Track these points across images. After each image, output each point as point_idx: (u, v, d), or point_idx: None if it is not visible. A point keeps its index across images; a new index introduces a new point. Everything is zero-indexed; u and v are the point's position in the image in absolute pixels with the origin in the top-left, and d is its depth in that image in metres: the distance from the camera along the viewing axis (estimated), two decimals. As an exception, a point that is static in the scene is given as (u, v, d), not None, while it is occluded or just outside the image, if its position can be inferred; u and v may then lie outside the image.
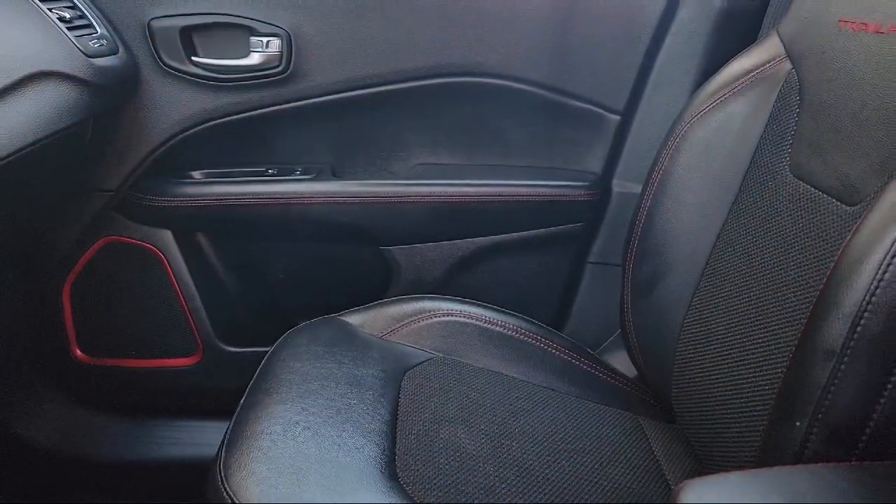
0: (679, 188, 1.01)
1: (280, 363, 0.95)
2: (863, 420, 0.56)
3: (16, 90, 0.80)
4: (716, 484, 0.54)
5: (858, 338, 0.55)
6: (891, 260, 0.54)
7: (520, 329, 1.12)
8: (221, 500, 0.71)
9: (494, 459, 0.81)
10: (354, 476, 0.76)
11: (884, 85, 0.70)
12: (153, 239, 1.28)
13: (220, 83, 1.19)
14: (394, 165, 1.35)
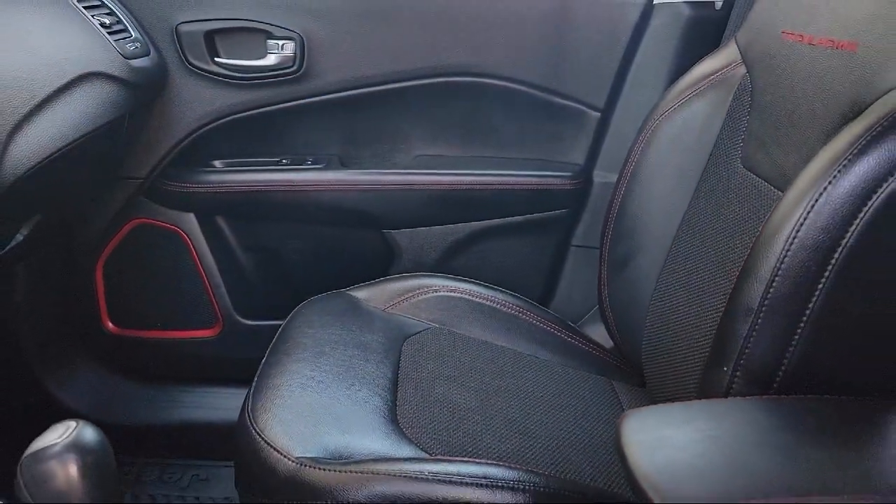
0: (648, 178, 1.09)
1: (296, 329, 1.04)
2: (775, 365, 0.67)
3: (69, 89, 0.90)
4: (653, 411, 0.65)
5: (771, 298, 0.66)
6: (797, 232, 0.65)
7: (508, 304, 1.20)
8: (251, 436, 0.81)
9: (482, 412, 0.91)
10: (362, 421, 0.86)
11: (812, 90, 0.80)
12: (178, 222, 1.36)
13: (240, 81, 1.27)
14: (396, 156, 1.41)
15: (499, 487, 0.75)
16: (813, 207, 0.64)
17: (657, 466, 0.56)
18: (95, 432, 0.56)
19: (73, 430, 0.56)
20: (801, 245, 0.64)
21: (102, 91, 0.98)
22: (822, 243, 0.63)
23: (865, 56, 0.72)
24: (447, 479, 0.74)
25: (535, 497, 0.75)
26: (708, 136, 1.02)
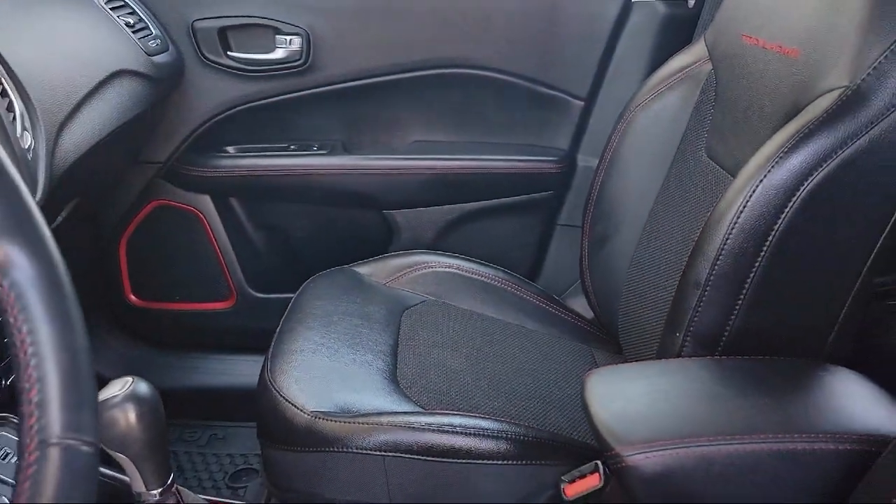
0: (625, 164, 1.16)
1: (307, 302, 1.13)
2: (719, 331, 0.76)
3: (102, 87, 0.98)
4: (613, 370, 0.77)
5: (716, 274, 0.75)
6: (738, 218, 0.74)
7: (497, 278, 1.27)
8: (271, 394, 0.91)
9: (473, 374, 1.01)
10: (367, 381, 0.95)
11: (763, 89, 0.89)
12: (195, 203, 1.43)
13: (251, 74, 1.34)
14: (395, 142, 1.46)
15: (484, 436, 0.85)
16: (751, 197, 0.73)
17: (612, 414, 0.68)
18: (147, 386, 0.67)
19: (130, 384, 0.67)
20: (741, 229, 0.74)
21: (130, 86, 1.06)
22: (759, 228, 0.73)
23: (805, 63, 0.81)
24: (440, 428, 0.85)
25: (515, 445, 0.85)
26: (678, 126, 1.09)
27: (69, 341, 0.40)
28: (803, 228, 0.73)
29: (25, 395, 0.38)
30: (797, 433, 0.63)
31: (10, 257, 0.39)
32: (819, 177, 0.71)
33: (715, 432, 0.64)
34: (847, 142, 0.70)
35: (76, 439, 0.38)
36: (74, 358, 0.39)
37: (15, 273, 0.39)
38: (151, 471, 0.68)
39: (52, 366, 0.38)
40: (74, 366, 0.39)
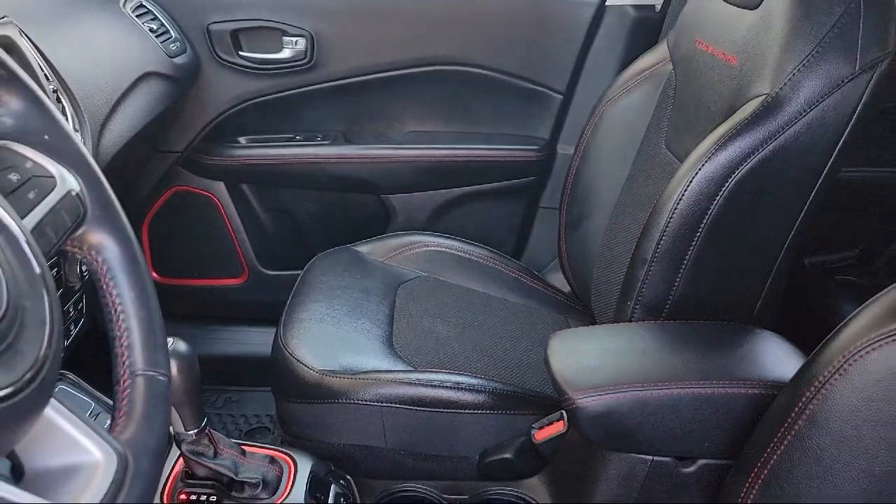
0: (597, 154, 1.25)
1: (312, 277, 1.23)
2: (663, 300, 0.90)
3: (133, 89, 1.09)
4: (572, 332, 0.90)
5: (660, 252, 0.87)
6: (677, 204, 0.85)
7: (484, 256, 1.37)
8: (284, 356, 1.03)
9: (459, 341, 1.12)
10: (366, 346, 1.07)
11: (709, 91, 1.00)
12: (210, 188, 1.52)
13: (260, 71, 1.42)
14: (391, 133, 1.54)
15: (467, 390, 0.99)
16: (688, 186, 0.85)
17: (567, 367, 0.82)
18: (185, 345, 0.80)
19: (172, 343, 0.80)
20: (679, 214, 0.86)
21: (156, 87, 1.17)
22: (694, 213, 0.85)
23: (741, 70, 0.93)
24: (429, 383, 0.98)
25: (493, 397, 0.99)
26: (642, 120, 1.18)
27: (146, 302, 0.54)
28: (731, 213, 0.85)
29: (117, 341, 0.52)
30: (715, 380, 0.77)
31: (102, 242, 0.53)
32: (744, 170, 0.84)
33: (649, 380, 0.78)
34: (767, 141, 0.83)
35: (155, 371, 0.52)
36: (150, 314, 0.54)
37: (106, 253, 0.53)
38: (189, 415, 0.81)
39: (135, 320, 0.53)
40: (150, 320, 0.54)
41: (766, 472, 0.67)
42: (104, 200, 0.53)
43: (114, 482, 0.43)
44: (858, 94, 0.81)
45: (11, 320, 0.39)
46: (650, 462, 0.80)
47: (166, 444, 0.51)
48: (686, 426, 0.77)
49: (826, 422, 0.63)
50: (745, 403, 0.76)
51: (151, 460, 0.47)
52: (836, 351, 0.64)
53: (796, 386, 0.67)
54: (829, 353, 0.65)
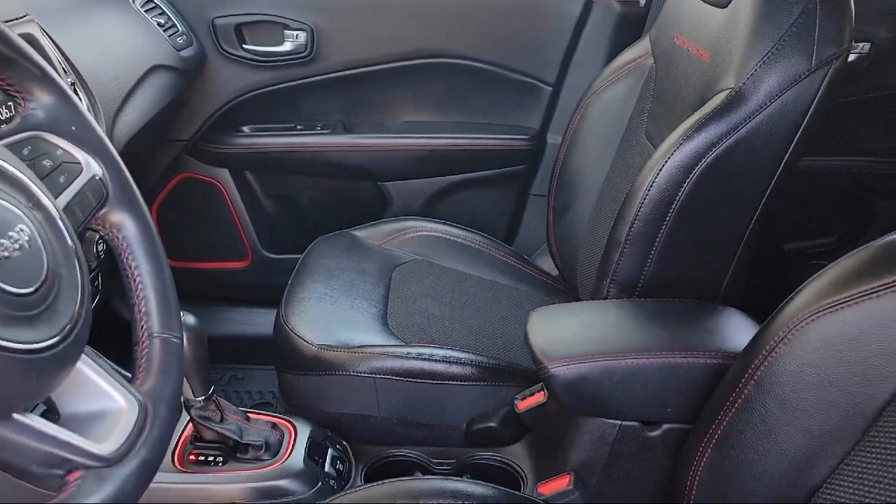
0: (582, 144, 1.31)
1: (312, 260, 1.29)
2: (636, 280, 0.96)
3: (143, 81, 1.15)
4: (550, 308, 0.97)
5: (632, 235, 0.93)
6: (648, 191, 0.91)
7: (476, 241, 1.42)
8: (285, 331, 1.10)
9: (450, 319, 1.18)
10: (362, 323, 1.13)
11: (684, 84, 1.05)
12: (215, 175, 1.57)
13: (263, 63, 1.47)
14: (388, 122, 1.58)
15: (455, 363, 1.06)
16: (658, 174, 0.91)
17: (544, 339, 0.88)
18: (194, 318, 0.87)
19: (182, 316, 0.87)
20: (651, 199, 0.92)
21: (164, 79, 1.24)
22: (664, 198, 0.91)
23: (711, 65, 0.99)
24: (419, 357, 1.05)
25: (479, 370, 1.06)
26: (625, 112, 1.23)
27: (160, 274, 0.61)
28: (698, 199, 0.91)
29: (136, 308, 0.60)
30: (678, 351, 0.84)
31: (122, 221, 0.60)
32: (710, 159, 0.90)
33: (617, 351, 0.85)
34: (731, 132, 0.89)
35: (169, 334, 0.59)
36: (164, 285, 0.61)
37: (125, 231, 0.60)
38: (197, 383, 0.88)
39: (151, 290, 0.60)
40: (165, 290, 0.61)
41: (719, 433, 0.74)
42: (124, 184, 0.60)
43: (136, 425, 0.51)
44: (815, 88, 0.87)
45: (51, 285, 0.46)
46: (619, 426, 0.87)
47: (180, 396, 0.59)
48: (651, 393, 0.84)
49: (771, 386, 0.70)
50: (705, 372, 0.82)
51: (168, 408, 0.54)
52: (782, 322, 0.71)
53: (747, 355, 0.74)
54: (776, 324, 0.72)
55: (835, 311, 0.66)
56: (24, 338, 0.43)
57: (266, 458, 0.92)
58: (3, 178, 0.47)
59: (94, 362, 0.51)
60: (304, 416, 1.05)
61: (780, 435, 0.69)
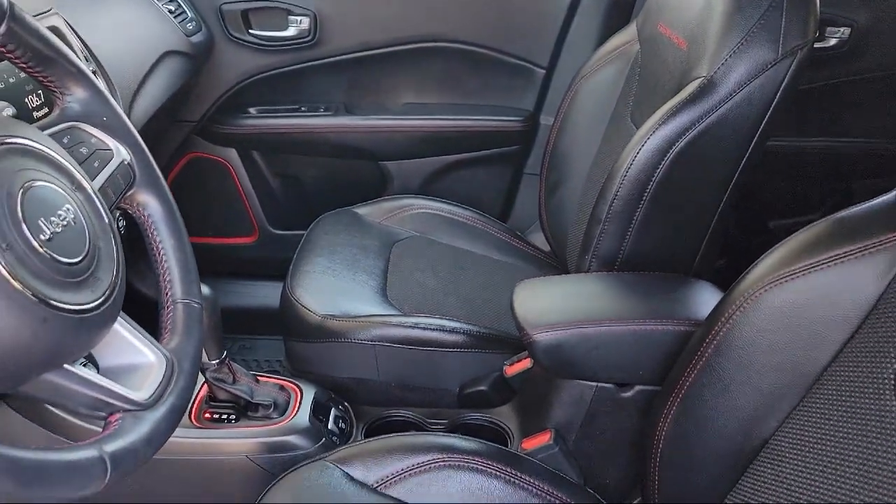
0: (573, 125, 1.36)
1: (316, 236, 1.36)
2: (615, 254, 1.03)
3: (156, 66, 1.22)
4: (535, 280, 1.04)
5: (612, 213, 1.00)
6: (627, 171, 0.97)
7: (472, 218, 1.48)
8: (291, 302, 1.17)
9: (444, 292, 1.25)
10: (363, 295, 1.20)
11: (665, 71, 1.11)
12: (223, 155, 1.62)
13: (268, 48, 1.53)
14: (388, 104, 1.63)
15: (448, 331, 1.13)
16: (636, 156, 0.98)
17: (527, 309, 0.96)
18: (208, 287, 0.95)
19: None
20: (629, 180, 0.98)
21: (176, 64, 1.30)
22: (641, 179, 0.98)
23: (688, 54, 1.05)
24: (416, 325, 1.13)
25: (471, 338, 1.13)
26: (612, 95, 1.28)
27: (182, 247, 0.69)
28: (673, 180, 0.98)
29: (161, 277, 0.68)
30: (650, 319, 0.92)
31: (148, 201, 0.68)
32: (683, 143, 0.96)
33: (593, 319, 0.92)
34: (703, 118, 0.95)
35: (190, 299, 0.67)
36: (185, 257, 0.69)
37: (150, 209, 0.68)
38: (212, 347, 0.97)
39: (174, 261, 0.68)
40: (186, 261, 0.69)
41: (683, 393, 0.82)
42: (149, 168, 0.68)
43: (165, 377, 0.59)
44: (781, 77, 0.94)
45: (93, 256, 0.54)
46: (595, 388, 0.95)
47: (201, 354, 0.67)
48: (624, 358, 0.92)
49: (729, 350, 0.78)
50: (674, 338, 0.90)
51: (191, 363, 0.63)
52: (739, 293, 0.78)
53: (710, 322, 0.82)
54: (734, 294, 0.79)
55: (785, 282, 0.74)
56: (73, 300, 0.51)
57: (274, 417, 1.01)
58: (51, 164, 0.54)
59: (127, 323, 0.60)
60: (309, 380, 1.12)
61: (735, 393, 0.77)
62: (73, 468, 0.46)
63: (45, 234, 0.50)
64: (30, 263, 0.48)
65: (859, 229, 0.72)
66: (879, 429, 0.64)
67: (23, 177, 0.51)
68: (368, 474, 0.87)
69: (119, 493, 0.96)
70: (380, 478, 0.87)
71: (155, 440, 0.54)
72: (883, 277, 0.68)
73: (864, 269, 0.69)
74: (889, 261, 0.68)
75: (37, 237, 0.49)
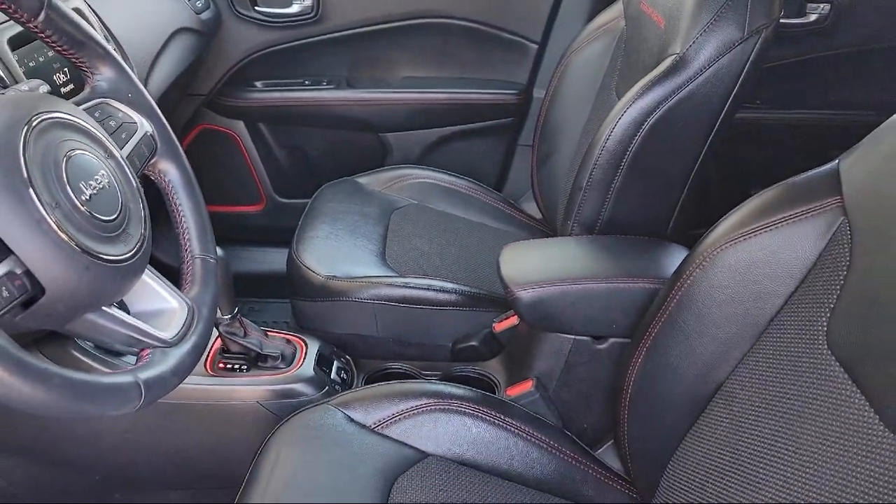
0: (563, 98, 1.43)
1: (320, 204, 1.44)
2: (595, 220, 1.11)
3: (168, 44, 1.29)
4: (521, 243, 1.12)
5: (592, 181, 1.08)
6: (605, 142, 1.05)
7: (468, 187, 1.55)
8: (297, 264, 1.26)
9: (441, 256, 1.33)
10: (363, 258, 1.29)
11: (645, 47, 1.18)
12: (231, 126, 1.69)
13: (273, 24, 1.59)
14: (388, 78, 1.69)
15: (441, 291, 1.22)
16: (614, 128, 1.05)
17: (511, 268, 1.05)
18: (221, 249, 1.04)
19: None
20: (607, 150, 1.06)
21: (186, 41, 1.37)
22: (619, 149, 1.05)
23: (665, 31, 1.12)
24: (410, 285, 1.21)
25: (463, 297, 1.22)
26: (599, 70, 1.34)
27: (198, 210, 0.78)
28: (648, 149, 1.05)
29: (181, 236, 0.77)
30: (622, 278, 1.00)
31: (168, 168, 0.77)
32: (657, 115, 1.04)
33: (572, 277, 1.01)
34: (675, 92, 1.03)
35: (206, 255, 0.76)
36: (202, 218, 0.78)
37: (170, 175, 0.77)
38: (224, 303, 1.05)
39: (192, 222, 0.77)
40: (202, 222, 0.78)
41: (649, 343, 0.91)
42: (168, 139, 0.77)
43: (187, 320, 0.68)
44: (747, 54, 1.01)
45: (124, 215, 0.63)
46: (573, 341, 1.04)
47: (217, 303, 0.76)
48: (599, 313, 1.01)
49: (689, 303, 0.86)
50: (644, 294, 0.99)
51: (208, 310, 0.72)
52: (699, 252, 0.86)
53: (673, 279, 0.90)
54: (695, 254, 0.87)
55: (738, 242, 0.82)
56: (110, 252, 0.60)
57: (282, 367, 1.10)
58: (87, 135, 0.63)
59: (153, 274, 0.69)
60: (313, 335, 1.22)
61: (694, 342, 0.85)
62: (115, 390, 0.55)
63: (85, 195, 0.59)
64: (74, 219, 0.57)
65: (804, 194, 0.80)
66: (813, 371, 0.73)
67: (65, 146, 0.59)
68: (367, 416, 0.96)
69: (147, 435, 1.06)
70: (377, 420, 0.96)
71: (180, 371, 0.63)
72: (822, 237, 0.76)
73: (807, 230, 0.77)
74: (828, 222, 0.76)
75: (79, 197, 0.58)
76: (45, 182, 0.55)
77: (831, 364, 0.70)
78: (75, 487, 1.12)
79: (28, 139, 0.55)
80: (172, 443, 1.08)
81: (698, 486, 0.79)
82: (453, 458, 0.93)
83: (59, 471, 1.10)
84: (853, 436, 0.66)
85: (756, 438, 0.75)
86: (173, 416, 1.06)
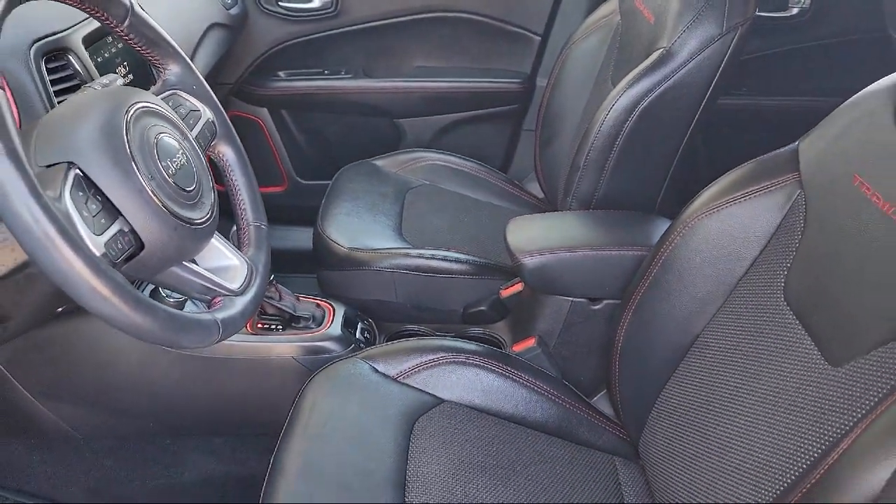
0: (563, 87, 1.54)
1: (340, 185, 1.56)
2: (591, 196, 1.23)
3: (203, 39, 1.41)
4: (525, 217, 1.25)
5: (588, 160, 1.20)
6: (601, 126, 1.17)
7: (476, 169, 1.67)
8: (322, 237, 1.38)
9: (452, 231, 1.45)
10: (381, 232, 1.41)
11: (634, 40, 1.29)
12: (256, 113, 1.80)
13: (296, 18, 1.69)
14: (402, 68, 1.78)
15: (453, 261, 1.35)
16: (608, 114, 1.17)
17: (517, 238, 1.18)
18: None
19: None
20: (602, 133, 1.18)
21: (218, 35, 1.49)
22: (612, 133, 1.18)
23: (654, 26, 1.23)
24: (425, 256, 1.34)
25: (473, 267, 1.35)
26: (597, 62, 1.45)
27: (251, 185, 0.92)
28: (638, 133, 1.18)
29: (237, 207, 0.90)
30: (615, 246, 1.13)
31: (226, 150, 0.90)
32: (646, 103, 1.16)
33: (569, 246, 1.14)
34: (662, 82, 1.15)
35: (259, 223, 0.90)
36: (254, 192, 0.92)
37: (228, 156, 0.90)
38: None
39: (246, 195, 0.91)
40: (254, 195, 0.92)
41: (636, 302, 1.04)
42: (226, 125, 0.91)
43: (248, 275, 0.82)
44: (725, 49, 1.13)
45: (199, 187, 0.77)
46: (571, 302, 1.17)
47: (270, 262, 0.90)
48: (593, 277, 1.14)
49: (671, 265, 0.99)
50: (633, 261, 1.12)
51: (263, 267, 0.86)
52: (680, 221, 0.99)
53: (657, 245, 1.03)
54: (676, 223, 1.00)
55: (713, 212, 0.95)
56: (191, 216, 0.74)
57: (313, 327, 1.24)
58: (168, 121, 0.77)
59: (220, 237, 0.83)
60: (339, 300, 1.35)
61: (674, 300, 0.98)
62: (203, 325, 0.69)
63: (171, 170, 0.73)
64: (165, 189, 0.71)
65: (768, 171, 0.92)
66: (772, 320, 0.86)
67: (154, 130, 0.73)
68: (390, 368, 1.09)
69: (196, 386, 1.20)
70: (399, 371, 1.09)
71: (246, 314, 0.77)
72: (782, 208, 0.89)
73: (770, 202, 0.90)
74: (787, 195, 0.89)
75: (167, 171, 0.72)
76: (143, 159, 0.69)
77: (787, 314, 0.83)
78: (131, 433, 1.27)
79: (129, 124, 0.69)
80: (218, 393, 1.22)
81: (678, 425, 0.92)
82: (466, 404, 1.06)
83: (117, 418, 1.24)
84: (802, 371, 0.79)
85: (725, 379, 0.87)
86: (219, 369, 1.20)
